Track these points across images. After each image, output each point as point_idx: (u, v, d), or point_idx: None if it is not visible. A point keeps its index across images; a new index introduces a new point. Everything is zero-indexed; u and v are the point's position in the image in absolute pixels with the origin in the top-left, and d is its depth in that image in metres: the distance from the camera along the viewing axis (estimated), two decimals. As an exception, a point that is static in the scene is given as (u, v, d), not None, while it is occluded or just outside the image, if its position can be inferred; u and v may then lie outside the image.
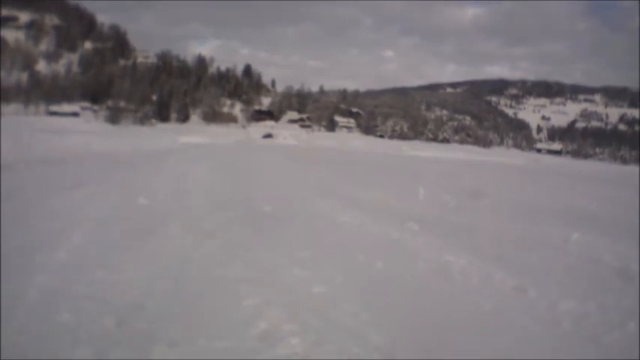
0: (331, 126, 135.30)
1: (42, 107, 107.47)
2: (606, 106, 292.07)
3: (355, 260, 6.67)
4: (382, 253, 7.12)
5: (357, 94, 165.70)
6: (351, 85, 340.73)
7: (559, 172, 44.14)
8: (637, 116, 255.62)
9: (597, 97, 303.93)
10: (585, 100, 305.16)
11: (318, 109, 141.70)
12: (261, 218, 9.38)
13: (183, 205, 10.40)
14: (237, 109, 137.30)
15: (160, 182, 14.22)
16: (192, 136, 68.35)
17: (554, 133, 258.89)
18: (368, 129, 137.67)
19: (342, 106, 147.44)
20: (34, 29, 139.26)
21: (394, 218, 10.04)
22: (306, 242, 7.54)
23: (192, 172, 17.93)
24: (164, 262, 6.15)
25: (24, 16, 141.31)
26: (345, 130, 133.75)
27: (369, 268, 6.40)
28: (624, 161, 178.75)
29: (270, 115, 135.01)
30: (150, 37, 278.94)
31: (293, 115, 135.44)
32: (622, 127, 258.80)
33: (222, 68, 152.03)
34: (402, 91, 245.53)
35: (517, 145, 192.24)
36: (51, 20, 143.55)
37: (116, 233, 7.47)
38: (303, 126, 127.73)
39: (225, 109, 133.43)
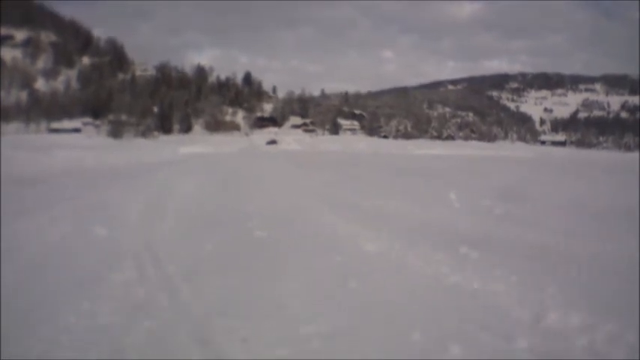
0: (335, 129, 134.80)
1: (43, 125, 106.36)
2: (607, 94, 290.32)
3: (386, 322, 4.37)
4: (431, 310, 4.64)
5: (358, 96, 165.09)
6: (352, 88, 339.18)
7: (577, 163, 44.10)
8: (637, 103, 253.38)
9: (598, 86, 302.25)
10: (586, 90, 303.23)
11: (320, 113, 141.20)
12: (254, 248, 7.24)
13: (154, 234, 8.19)
14: (240, 117, 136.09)
15: (138, 202, 11.91)
16: (194, 146, 67.71)
17: (557, 125, 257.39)
18: (372, 130, 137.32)
19: (345, 108, 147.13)
20: (31, 47, 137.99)
21: (434, 240, 7.46)
22: (314, 286, 5.36)
23: (181, 187, 15.78)
24: (103, 329, 4.22)
25: (20, 34, 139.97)
26: (349, 132, 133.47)
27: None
28: (628, 148, 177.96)
29: (273, 121, 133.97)
30: (147, 49, 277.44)
31: (296, 120, 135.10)
32: (624, 114, 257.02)
33: (222, 77, 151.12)
34: (403, 91, 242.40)
35: (521, 139, 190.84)
36: (47, 37, 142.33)
37: (49, 278, 5.64)
38: (306, 130, 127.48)
39: (228, 118, 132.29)
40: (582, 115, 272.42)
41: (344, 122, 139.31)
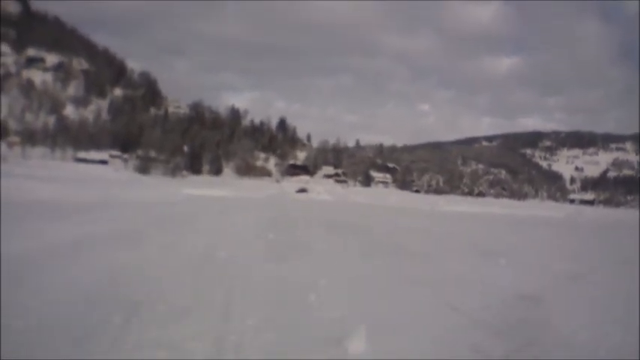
0: (367, 181, 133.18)
1: (69, 153, 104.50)
2: (637, 154, 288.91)
3: None
4: None
5: (393, 149, 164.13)
6: (387, 140, 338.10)
7: (614, 225, 42.39)
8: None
9: (628, 145, 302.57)
10: (617, 149, 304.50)
11: (353, 164, 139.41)
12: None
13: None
14: (272, 162, 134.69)
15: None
16: (223, 189, 65.84)
17: (587, 183, 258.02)
18: (404, 184, 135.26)
19: (379, 161, 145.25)
20: (62, 72, 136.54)
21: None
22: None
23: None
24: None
25: (51, 58, 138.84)
26: (381, 185, 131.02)
27: None
28: None
29: (305, 169, 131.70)
30: (181, 86, 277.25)
31: (328, 169, 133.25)
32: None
33: (257, 120, 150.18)
34: (438, 146, 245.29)
35: (551, 197, 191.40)
36: (79, 64, 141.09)
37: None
38: (338, 181, 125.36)
39: (259, 163, 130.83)
40: (612, 174, 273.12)
41: (376, 175, 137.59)
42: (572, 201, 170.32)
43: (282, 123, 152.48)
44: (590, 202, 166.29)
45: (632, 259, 15.09)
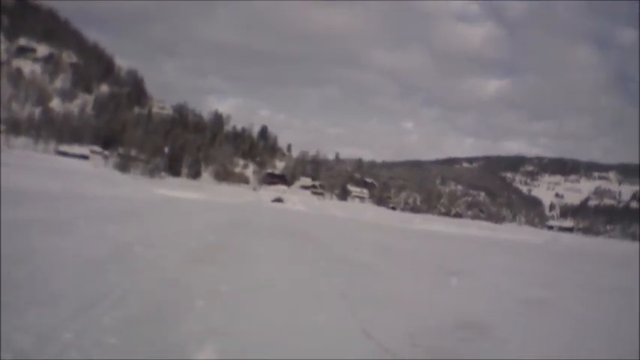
0: (344, 195, 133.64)
1: (52, 145, 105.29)
2: (620, 183, 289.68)
3: None
4: None
5: (373, 164, 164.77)
6: (368, 155, 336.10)
7: (591, 253, 41.18)
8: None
9: (612, 175, 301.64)
10: (600, 178, 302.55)
11: (331, 176, 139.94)
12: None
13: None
14: (250, 170, 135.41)
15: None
16: (193, 192, 67.39)
17: (567, 211, 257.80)
18: (381, 200, 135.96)
19: (357, 175, 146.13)
20: (51, 64, 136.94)
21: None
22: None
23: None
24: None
25: (42, 49, 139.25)
26: (357, 199, 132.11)
27: None
28: (634, 238, 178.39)
29: (283, 179, 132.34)
30: (168, 87, 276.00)
31: (306, 181, 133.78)
32: (634, 204, 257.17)
33: (239, 127, 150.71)
34: (418, 164, 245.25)
35: (529, 222, 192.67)
36: (68, 57, 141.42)
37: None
38: (314, 193, 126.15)
39: (238, 169, 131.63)
40: (593, 202, 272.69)
41: (354, 189, 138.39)
42: (550, 227, 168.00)
43: (264, 131, 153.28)
44: (569, 230, 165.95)
45: (608, 288, 14.37)
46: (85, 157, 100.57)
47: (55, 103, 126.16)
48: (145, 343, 4.88)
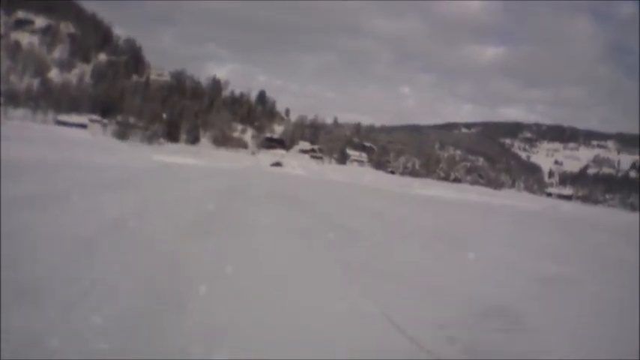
0: (342, 159, 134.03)
1: (50, 115, 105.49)
2: (619, 152, 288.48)
3: None
4: None
5: (371, 128, 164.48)
6: (366, 120, 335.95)
7: (596, 224, 40.18)
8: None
9: (610, 144, 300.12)
10: (598, 146, 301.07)
11: (330, 140, 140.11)
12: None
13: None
14: (249, 135, 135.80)
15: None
16: (192, 158, 67.51)
17: (566, 178, 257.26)
18: (379, 164, 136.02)
19: (355, 139, 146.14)
20: (49, 36, 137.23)
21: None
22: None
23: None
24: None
25: (40, 21, 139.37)
26: (356, 163, 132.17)
27: None
28: (633, 208, 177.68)
29: (282, 143, 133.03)
30: (166, 54, 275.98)
31: (305, 145, 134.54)
32: (633, 174, 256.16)
33: (237, 92, 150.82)
34: (416, 129, 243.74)
35: (528, 189, 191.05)
36: (66, 27, 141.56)
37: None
38: (313, 157, 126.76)
39: (237, 135, 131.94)
40: (592, 170, 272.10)
41: (352, 153, 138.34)
42: (549, 194, 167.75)
43: (262, 96, 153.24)
44: (568, 197, 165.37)
45: (625, 264, 13.51)
46: (83, 126, 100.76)
47: (54, 74, 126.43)
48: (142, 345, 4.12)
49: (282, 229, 12.05)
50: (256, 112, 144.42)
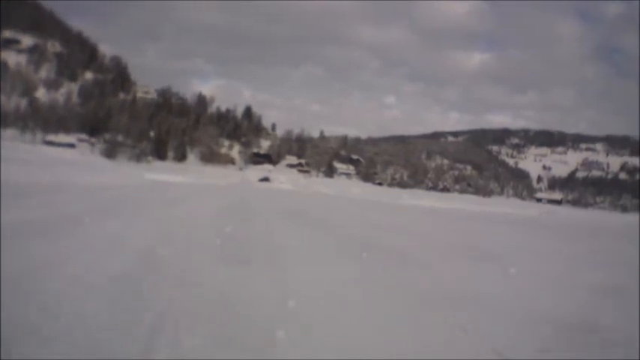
0: (330, 172, 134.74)
1: (39, 135, 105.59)
2: (608, 154, 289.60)
3: None
4: None
5: (358, 140, 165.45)
6: (352, 131, 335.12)
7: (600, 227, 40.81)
8: (637, 165, 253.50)
9: (599, 146, 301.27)
10: (587, 149, 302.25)
11: (317, 154, 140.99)
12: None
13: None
14: (236, 150, 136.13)
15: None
16: (187, 176, 67.65)
17: (555, 183, 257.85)
18: (367, 176, 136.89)
19: (342, 152, 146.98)
20: (36, 55, 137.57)
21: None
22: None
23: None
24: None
25: (27, 40, 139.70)
26: (344, 176, 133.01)
27: None
28: (624, 209, 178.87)
29: (269, 158, 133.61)
30: (151, 71, 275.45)
31: (292, 159, 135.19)
32: (623, 175, 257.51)
33: (223, 108, 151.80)
34: (403, 139, 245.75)
35: (517, 195, 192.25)
36: (53, 46, 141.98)
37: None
38: (301, 171, 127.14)
39: (224, 150, 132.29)
40: (581, 174, 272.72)
41: (340, 166, 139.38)
42: (539, 200, 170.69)
43: (248, 111, 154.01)
44: (558, 202, 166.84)
45: None
46: (72, 146, 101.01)
47: (41, 93, 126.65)
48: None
49: (311, 250, 11.15)
50: (243, 128, 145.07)
